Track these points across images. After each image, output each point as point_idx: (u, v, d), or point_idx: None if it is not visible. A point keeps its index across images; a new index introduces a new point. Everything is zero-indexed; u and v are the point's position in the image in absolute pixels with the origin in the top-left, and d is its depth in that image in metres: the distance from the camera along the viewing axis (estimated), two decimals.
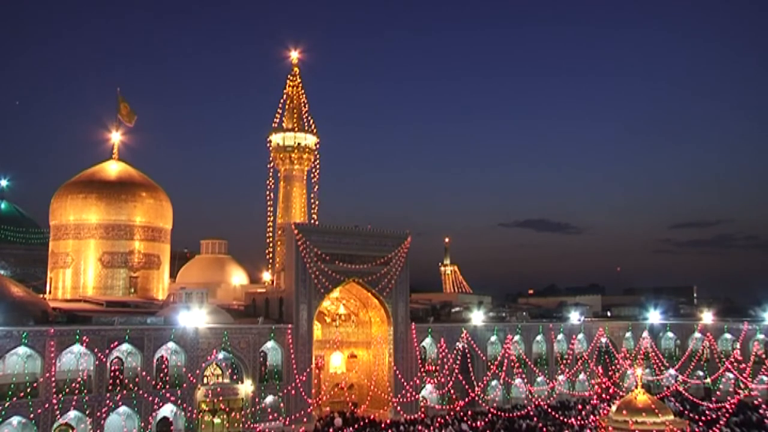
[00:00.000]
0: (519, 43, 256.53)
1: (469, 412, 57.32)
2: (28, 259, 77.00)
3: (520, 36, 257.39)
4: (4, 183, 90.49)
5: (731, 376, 70.95)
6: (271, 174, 63.32)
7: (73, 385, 44.44)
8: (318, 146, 64.46)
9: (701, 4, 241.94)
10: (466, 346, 64.17)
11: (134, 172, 65.92)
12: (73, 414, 44.80)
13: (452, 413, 57.98)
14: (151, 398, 47.41)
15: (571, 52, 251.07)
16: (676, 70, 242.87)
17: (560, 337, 71.64)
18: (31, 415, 42.73)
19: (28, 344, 43.59)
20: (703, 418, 53.12)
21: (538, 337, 70.26)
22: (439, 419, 55.20)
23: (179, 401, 48.69)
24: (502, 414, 56.60)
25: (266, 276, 64.84)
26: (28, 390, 42.99)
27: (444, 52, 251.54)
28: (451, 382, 62.44)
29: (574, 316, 75.59)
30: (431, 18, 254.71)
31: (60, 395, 43.76)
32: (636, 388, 41.89)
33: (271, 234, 61.80)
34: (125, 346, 47.38)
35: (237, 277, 69.79)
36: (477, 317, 66.92)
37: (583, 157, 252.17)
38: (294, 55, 64.82)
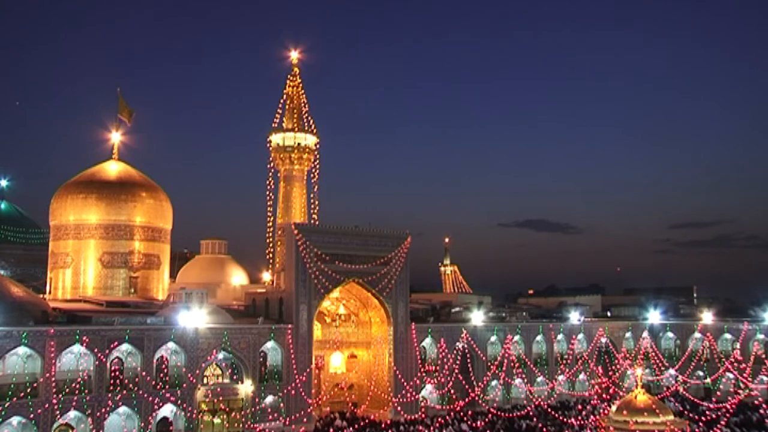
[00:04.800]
0: (519, 45, 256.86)
1: (469, 412, 57.29)
2: (28, 259, 76.99)
3: (520, 38, 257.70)
4: (4, 183, 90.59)
5: (731, 376, 70.90)
6: (271, 174, 63.48)
7: (73, 385, 44.46)
8: (318, 146, 64.55)
9: (702, 6, 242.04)
10: (466, 346, 64.16)
11: (134, 172, 65.91)
12: (73, 414, 44.81)
13: (452, 413, 57.93)
14: (151, 398, 47.41)
15: (570, 54, 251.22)
16: (676, 71, 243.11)
17: (560, 337, 71.64)
18: (31, 415, 42.75)
19: (28, 344, 43.61)
20: (703, 418, 53.13)
21: (538, 338, 70.25)
22: (439, 419, 55.19)
23: (179, 401, 48.69)
24: (502, 414, 56.58)
25: (266, 276, 64.85)
26: (28, 390, 43.02)
27: (444, 52, 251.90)
28: (451, 382, 62.43)
29: (574, 316, 75.58)
30: (431, 18, 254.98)
31: (60, 395, 43.77)
32: (636, 388, 41.90)
33: (271, 234, 61.83)
34: (125, 346, 47.39)
35: (237, 277, 69.76)
36: (477, 317, 66.91)
37: (583, 157, 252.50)
38: (294, 55, 64.86)
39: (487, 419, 54.62)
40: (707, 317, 76.90)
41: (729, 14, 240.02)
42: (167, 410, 48.73)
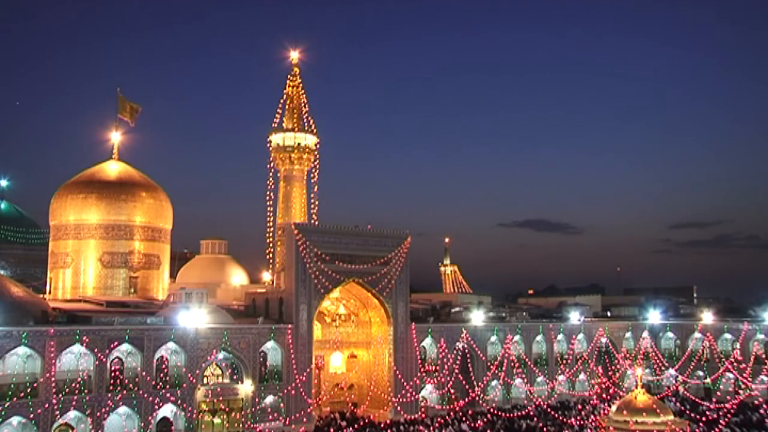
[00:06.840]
0: (518, 43, 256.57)
1: (469, 412, 57.34)
2: (28, 259, 77.06)
3: (519, 35, 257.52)
4: (4, 183, 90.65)
5: (731, 376, 70.92)
6: (271, 174, 63.36)
7: (73, 385, 44.45)
8: (318, 146, 64.52)
9: (704, 6, 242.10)
10: (466, 346, 64.17)
11: (134, 172, 65.91)
12: (73, 414, 44.82)
13: (452, 413, 57.91)
14: (151, 398, 47.43)
15: (571, 52, 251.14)
16: (677, 71, 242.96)
17: (560, 337, 71.63)
18: (31, 415, 42.75)
19: (28, 344, 43.60)
20: (703, 418, 53.13)
21: (538, 338, 70.25)
22: (439, 419, 55.11)
23: (179, 401, 48.71)
24: (502, 414, 56.56)
25: (266, 276, 64.84)
26: (28, 390, 43.02)
27: (444, 51, 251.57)
28: (451, 382, 62.44)
29: (574, 317, 75.57)
30: (431, 17, 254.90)
31: (60, 395, 43.77)
32: (636, 388, 41.91)
33: (271, 234, 61.76)
34: (125, 346, 47.39)
35: (237, 277, 69.78)
36: (477, 317, 66.91)
37: (583, 156, 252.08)
38: (294, 55, 64.78)
39: (487, 419, 54.60)
40: (707, 317, 76.90)
41: (731, 15, 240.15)
42: (167, 410, 48.72)
